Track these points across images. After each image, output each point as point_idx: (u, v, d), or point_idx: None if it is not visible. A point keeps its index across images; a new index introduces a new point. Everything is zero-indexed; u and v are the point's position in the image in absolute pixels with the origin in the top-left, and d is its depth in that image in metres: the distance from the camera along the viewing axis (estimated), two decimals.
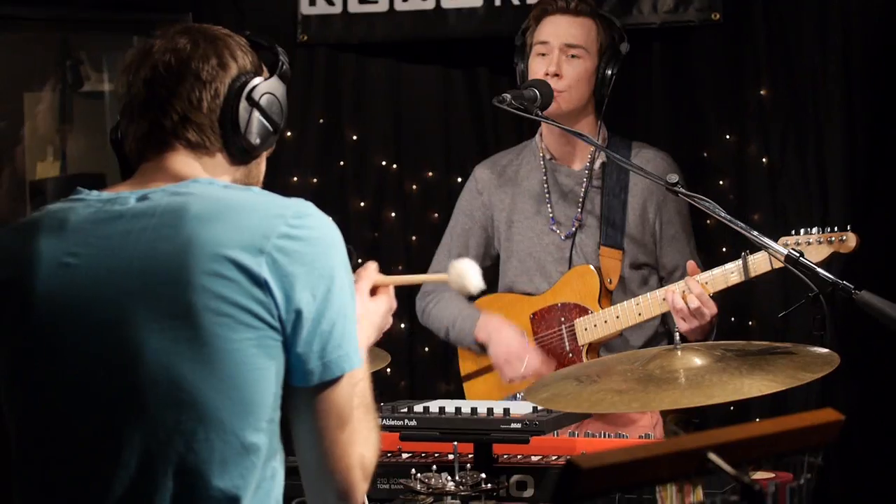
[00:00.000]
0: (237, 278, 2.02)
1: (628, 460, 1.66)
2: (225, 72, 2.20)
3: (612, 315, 3.87)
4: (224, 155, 2.24)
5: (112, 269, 2.06)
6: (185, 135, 2.19)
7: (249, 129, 2.23)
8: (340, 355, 2.09)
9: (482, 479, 2.94)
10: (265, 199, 2.15)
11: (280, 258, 2.04)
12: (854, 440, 4.53)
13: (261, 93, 2.23)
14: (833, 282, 3.03)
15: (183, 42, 2.20)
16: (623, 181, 4.00)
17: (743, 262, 3.64)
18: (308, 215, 2.13)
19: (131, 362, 2.03)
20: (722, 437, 1.74)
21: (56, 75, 5.19)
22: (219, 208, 2.08)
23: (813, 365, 2.87)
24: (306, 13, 5.06)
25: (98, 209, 2.12)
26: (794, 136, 4.77)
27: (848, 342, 4.32)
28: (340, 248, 2.14)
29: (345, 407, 2.11)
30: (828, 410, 1.90)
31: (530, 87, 3.83)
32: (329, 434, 2.10)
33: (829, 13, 4.71)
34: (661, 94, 4.90)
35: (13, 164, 5.14)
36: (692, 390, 2.82)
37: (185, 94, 2.18)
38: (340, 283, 2.11)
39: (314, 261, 2.08)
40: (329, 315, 2.08)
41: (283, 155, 5.11)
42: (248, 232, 2.05)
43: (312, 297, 2.06)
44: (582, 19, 3.99)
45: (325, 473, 2.12)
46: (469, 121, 5.09)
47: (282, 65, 2.30)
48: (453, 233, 4.22)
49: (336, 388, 2.10)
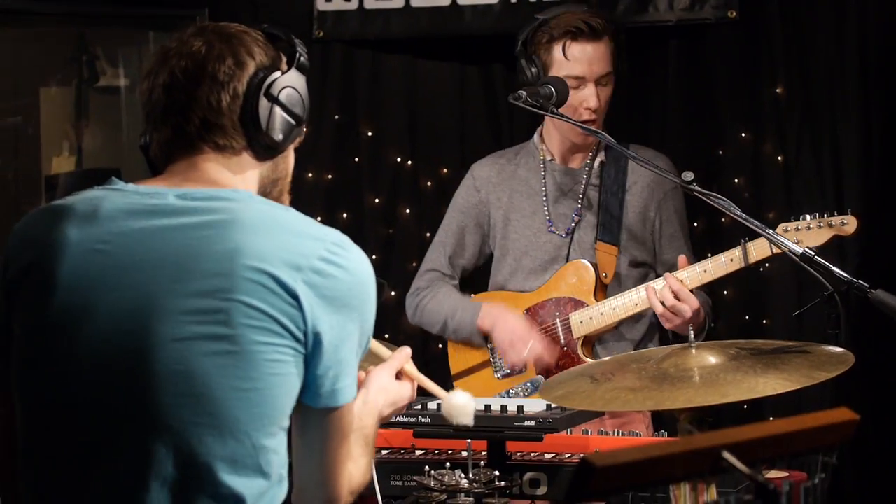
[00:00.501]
0: (274, 289, 2.06)
1: (642, 459, 1.66)
2: (242, 70, 2.20)
3: (608, 307, 3.87)
4: (249, 153, 2.25)
5: (145, 259, 2.08)
6: (210, 138, 2.20)
7: (272, 126, 2.23)
8: (348, 384, 2.18)
9: (495, 476, 2.94)
10: (307, 222, 2.17)
11: (315, 279, 2.09)
12: (868, 439, 4.52)
13: (280, 87, 2.23)
14: (848, 280, 3.02)
15: (198, 45, 2.21)
16: (621, 180, 4.01)
17: (742, 249, 3.64)
18: (346, 246, 2.17)
19: (151, 350, 2.04)
20: (736, 435, 1.74)
21: (72, 70, 5.20)
22: (265, 223, 2.11)
23: (827, 364, 2.86)
24: (322, 9, 5.06)
25: (135, 200, 2.14)
26: (809, 134, 4.76)
27: (863, 341, 4.31)
28: (371, 284, 2.20)
29: (346, 429, 2.21)
30: (843, 410, 1.90)
31: (546, 84, 3.81)
32: (328, 451, 2.19)
33: (846, 11, 4.70)
34: (677, 92, 4.89)
35: (28, 158, 5.15)
36: (706, 389, 2.81)
37: (204, 97, 2.18)
38: (363, 318, 2.17)
39: (347, 291, 2.13)
40: (348, 345, 2.15)
41: (298, 151, 5.09)
42: (291, 249, 2.09)
43: (338, 325, 2.11)
44: (604, 41, 3.95)
45: (316, 483, 2.21)
46: (484, 117, 5.09)
47: (299, 56, 2.29)
48: (448, 230, 4.22)
49: (340, 412, 2.18)
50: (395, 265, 5.12)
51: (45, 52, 5.23)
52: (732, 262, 3.68)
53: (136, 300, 2.06)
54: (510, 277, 4.08)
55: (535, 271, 4.05)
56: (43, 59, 5.22)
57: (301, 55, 2.29)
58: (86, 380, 2.07)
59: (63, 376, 2.09)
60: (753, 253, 3.65)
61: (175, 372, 2.04)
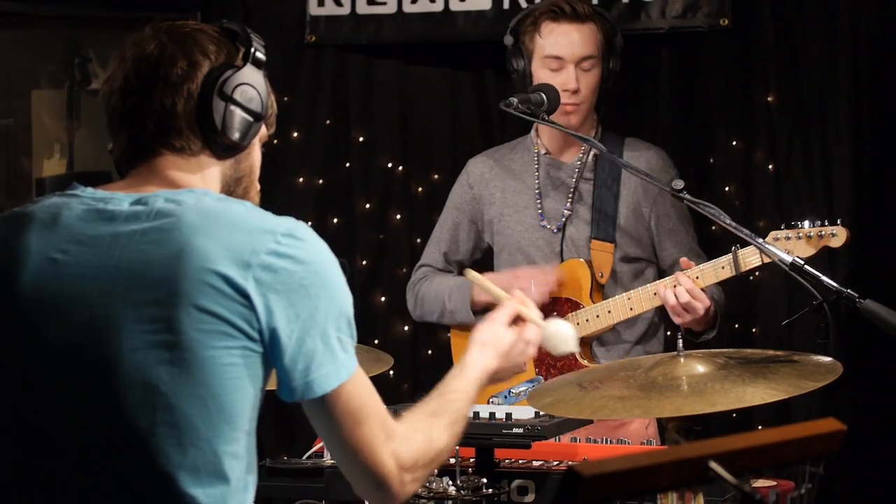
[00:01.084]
0: (223, 289, 2.02)
1: (629, 468, 1.66)
2: (195, 70, 2.17)
3: (603, 310, 3.87)
4: (207, 153, 2.21)
5: (100, 268, 2.06)
6: (166, 140, 2.18)
7: (228, 125, 2.19)
8: (325, 373, 2.11)
9: (483, 483, 2.94)
10: (257, 215, 2.14)
11: (265, 275, 2.05)
12: (857, 449, 4.52)
13: (234, 85, 2.19)
14: (837, 290, 3.03)
15: (151, 47, 2.19)
16: (615, 173, 4.00)
17: (733, 257, 3.64)
18: (298, 235, 2.12)
19: (109, 362, 2.02)
20: (723, 445, 1.74)
21: (64, 72, 5.19)
22: (212, 221, 2.07)
23: (816, 373, 2.86)
24: (314, 14, 5.06)
25: (91, 207, 2.12)
26: (800, 142, 4.76)
27: (851, 351, 4.32)
28: (330, 267, 2.14)
29: (354, 413, 2.15)
30: (830, 420, 1.90)
31: (538, 91, 3.83)
32: (344, 438, 2.15)
33: (838, 20, 4.70)
34: (669, 99, 4.89)
35: (19, 160, 5.14)
36: (694, 398, 2.81)
37: (158, 101, 2.16)
38: (330, 304, 2.11)
39: (302, 281, 2.08)
40: (315, 335, 2.09)
41: (290, 156, 5.12)
42: (238, 247, 2.05)
43: (296, 317, 2.07)
44: (588, 25, 3.97)
45: (350, 471, 2.20)
46: (476, 123, 5.09)
47: (254, 51, 2.24)
48: (444, 226, 4.22)
49: (333, 400, 2.13)
50: (386, 271, 5.13)
51: (36, 55, 5.23)
52: (724, 269, 3.68)
53: (93, 310, 2.04)
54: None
55: (530, 266, 4.03)
56: (35, 62, 5.22)
57: (256, 50, 2.24)
58: (46, 393, 2.05)
59: (22, 389, 2.07)
60: (744, 261, 3.64)
61: (133, 383, 2.02)
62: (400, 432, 2.20)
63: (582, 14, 3.97)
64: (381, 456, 2.16)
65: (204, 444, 2.04)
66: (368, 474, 2.16)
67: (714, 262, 3.69)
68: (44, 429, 2.06)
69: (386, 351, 3.50)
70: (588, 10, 3.99)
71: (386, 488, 2.17)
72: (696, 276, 3.69)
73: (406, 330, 5.06)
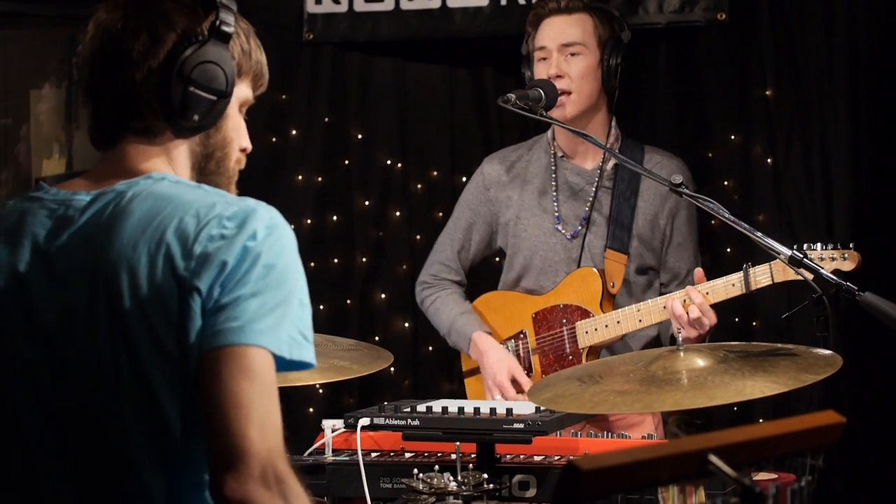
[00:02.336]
0: (165, 282, 1.96)
1: (629, 462, 1.66)
2: (158, 46, 2.08)
3: (612, 320, 3.87)
4: (171, 133, 2.13)
5: (60, 277, 2.03)
6: (126, 123, 2.11)
7: (187, 106, 2.09)
8: (260, 328, 1.96)
9: (484, 479, 2.95)
10: (205, 198, 2.03)
11: (204, 261, 1.96)
12: (857, 441, 4.52)
13: (192, 65, 2.08)
14: (837, 283, 3.03)
15: (114, 19, 2.10)
16: (634, 185, 4.00)
17: (744, 275, 3.64)
18: (244, 217, 2.00)
19: (74, 370, 2.01)
20: (722, 439, 1.74)
21: (62, 72, 5.19)
22: (157, 209, 2.01)
23: (816, 367, 2.87)
24: (312, 11, 5.06)
25: (52, 212, 2.08)
26: (799, 136, 4.76)
27: (851, 344, 4.32)
28: (278, 248, 2.01)
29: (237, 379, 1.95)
30: (829, 413, 1.90)
31: (535, 88, 3.84)
32: (225, 400, 1.94)
33: (835, 14, 4.70)
34: (667, 94, 4.89)
35: (18, 160, 5.14)
36: (694, 391, 2.82)
37: (119, 79, 2.08)
38: (280, 285, 1.99)
39: (241, 264, 1.97)
40: (265, 312, 1.97)
41: (288, 154, 5.12)
42: (183, 233, 1.98)
43: (240, 304, 1.96)
44: (576, 16, 3.99)
45: (211, 436, 1.95)
46: (474, 120, 5.09)
47: (218, 25, 2.11)
48: (458, 225, 4.23)
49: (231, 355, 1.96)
50: (385, 268, 5.13)
51: (35, 55, 5.23)
52: (734, 286, 3.68)
53: (58, 322, 2.02)
54: (521, 276, 4.09)
55: (545, 271, 4.05)
56: (33, 62, 5.22)
57: (220, 22, 2.11)
58: (17, 405, 2.04)
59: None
60: (755, 279, 3.64)
61: (97, 388, 2.00)
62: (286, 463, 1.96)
63: (569, 6, 3.99)
64: (252, 431, 1.91)
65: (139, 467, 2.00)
66: (229, 442, 1.92)
67: (725, 280, 3.68)
68: (9, 440, 2.05)
69: (386, 348, 3.50)
70: (578, 3, 4.01)
71: (239, 471, 1.90)
72: (707, 292, 3.69)
73: (406, 326, 5.06)
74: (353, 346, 3.43)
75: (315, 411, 5.00)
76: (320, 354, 3.22)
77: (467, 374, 4.17)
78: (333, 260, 5.13)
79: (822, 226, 4.65)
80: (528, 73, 4.08)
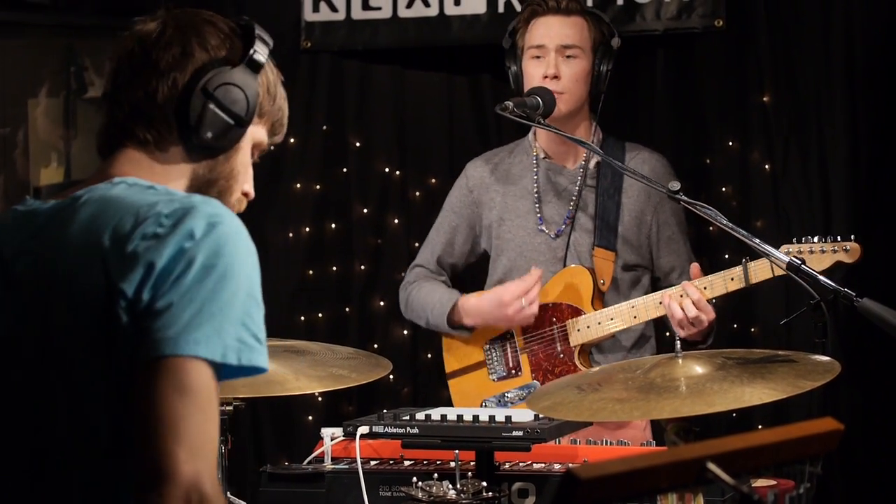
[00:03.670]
0: (98, 286, 1.90)
1: (627, 470, 1.66)
2: (187, 61, 2.08)
3: (606, 317, 3.87)
4: (181, 149, 2.10)
5: (16, 284, 2.02)
6: (133, 130, 2.08)
7: (203, 122, 2.08)
8: (195, 338, 1.86)
9: (483, 487, 2.95)
10: (151, 198, 1.97)
11: (130, 261, 1.88)
12: (856, 448, 4.52)
13: (217, 83, 2.08)
14: (835, 289, 3.03)
15: (150, 28, 2.12)
16: (617, 182, 4.00)
17: (744, 269, 3.64)
18: (182, 214, 1.92)
19: (11, 377, 2.00)
20: (721, 446, 1.74)
21: (60, 81, 5.20)
22: (100, 212, 1.97)
23: (814, 373, 2.87)
24: (310, 20, 5.07)
25: (18, 221, 2.07)
26: (796, 142, 4.76)
27: (849, 350, 4.33)
28: (219, 246, 1.90)
29: (171, 393, 1.86)
30: (827, 420, 1.90)
31: (533, 95, 3.84)
32: (157, 412, 1.85)
33: (833, 20, 4.71)
34: (664, 101, 4.90)
35: (16, 169, 5.14)
36: (693, 399, 2.82)
37: (142, 84, 2.08)
38: (222, 288, 1.88)
39: (185, 271, 1.88)
40: (189, 305, 1.87)
41: (287, 162, 5.13)
42: (118, 234, 1.91)
43: (177, 318, 1.86)
44: (574, 18, 4.00)
45: (139, 453, 1.87)
46: (472, 127, 5.09)
47: (252, 53, 2.13)
48: (440, 228, 4.22)
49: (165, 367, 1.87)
50: (384, 275, 5.13)
51: (33, 64, 5.23)
52: (733, 280, 3.68)
53: (10, 329, 2.00)
54: (506, 278, 4.07)
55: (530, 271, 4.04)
56: (31, 71, 5.22)
57: (255, 52, 2.13)
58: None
59: None
60: (754, 273, 3.64)
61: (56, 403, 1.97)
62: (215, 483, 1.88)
63: (567, 8, 3.99)
64: (181, 451, 1.84)
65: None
66: (155, 461, 1.84)
67: (724, 274, 3.69)
68: None
69: (385, 355, 3.50)
70: (576, 5, 4.01)
71: (162, 492, 1.83)
72: (705, 287, 3.69)
73: (405, 334, 5.06)
74: (351, 355, 3.43)
75: (314, 419, 5.00)
76: (319, 363, 3.25)
77: (451, 376, 4.15)
78: (332, 268, 5.13)
79: (819, 231, 4.61)
80: (513, 68, 4.07)
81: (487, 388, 4.05)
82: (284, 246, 5.13)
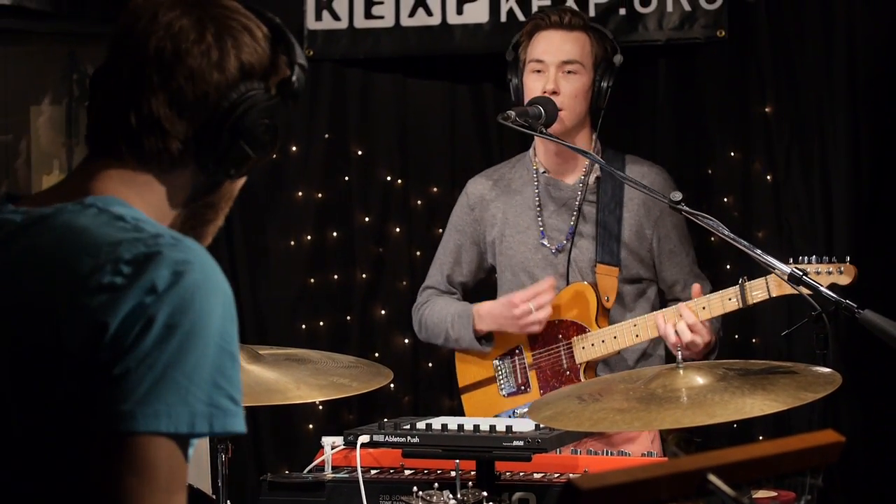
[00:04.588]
0: (46, 336, 1.69)
1: (628, 481, 1.66)
2: (222, 74, 1.86)
3: (609, 335, 3.87)
4: (188, 171, 1.89)
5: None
6: (141, 141, 1.85)
7: (228, 157, 1.89)
8: (125, 410, 1.65)
9: (484, 496, 2.95)
10: (115, 235, 1.74)
11: (80, 317, 1.67)
12: (857, 459, 4.52)
13: (251, 121, 1.88)
14: (836, 301, 3.03)
15: (186, 24, 1.86)
16: (618, 196, 4.00)
17: (741, 290, 3.64)
18: (143, 261, 1.69)
19: None
20: (721, 458, 1.74)
21: (62, 89, 5.20)
22: (61, 244, 1.74)
23: (815, 384, 2.87)
24: (312, 28, 5.07)
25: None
26: (798, 152, 4.76)
27: (851, 361, 4.33)
28: (186, 300, 1.68)
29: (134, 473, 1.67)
30: (828, 432, 1.90)
31: (535, 105, 3.84)
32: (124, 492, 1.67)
33: (834, 30, 4.71)
34: (667, 111, 4.90)
35: (18, 176, 5.15)
36: (694, 409, 2.82)
37: (168, 93, 1.85)
38: (185, 342, 1.68)
39: (127, 323, 1.66)
40: (148, 372, 1.66)
41: (289, 170, 5.13)
42: (74, 278, 1.70)
43: (134, 369, 1.65)
44: (576, 34, 3.99)
45: None
46: (474, 136, 5.09)
47: (294, 83, 1.93)
48: (446, 248, 4.23)
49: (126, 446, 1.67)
50: (386, 284, 5.13)
51: (35, 71, 5.24)
52: (731, 301, 3.67)
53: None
54: (511, 292, 4.07)
55: None
56: (34, 78, 5.23)
57: (296, 82, 1.93)
58: None
59: None
60: (751, 294, 3.64)
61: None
62: None
63: (569, 23, 3.99)
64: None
65: None
66: None
67: (721, 294, 3.68)
68: None
69: (386, 364, 3.49)
70: (579, 21, 4.00)
71: None
72: (703, 307, 3.69)
73: (406, 343, 5.06)
74: (352, 364, 3.43)
75: (315, 428, 5.00)
76: (320, 372, 3.25)
77: (464, 391, 4.16)
78: (333, 276, 5.13)
79: (821, 242, 4.65)
80: (514, 81, 4.07)
81: (498, 404, 4.05)
82: (286, 254, 5.13)
